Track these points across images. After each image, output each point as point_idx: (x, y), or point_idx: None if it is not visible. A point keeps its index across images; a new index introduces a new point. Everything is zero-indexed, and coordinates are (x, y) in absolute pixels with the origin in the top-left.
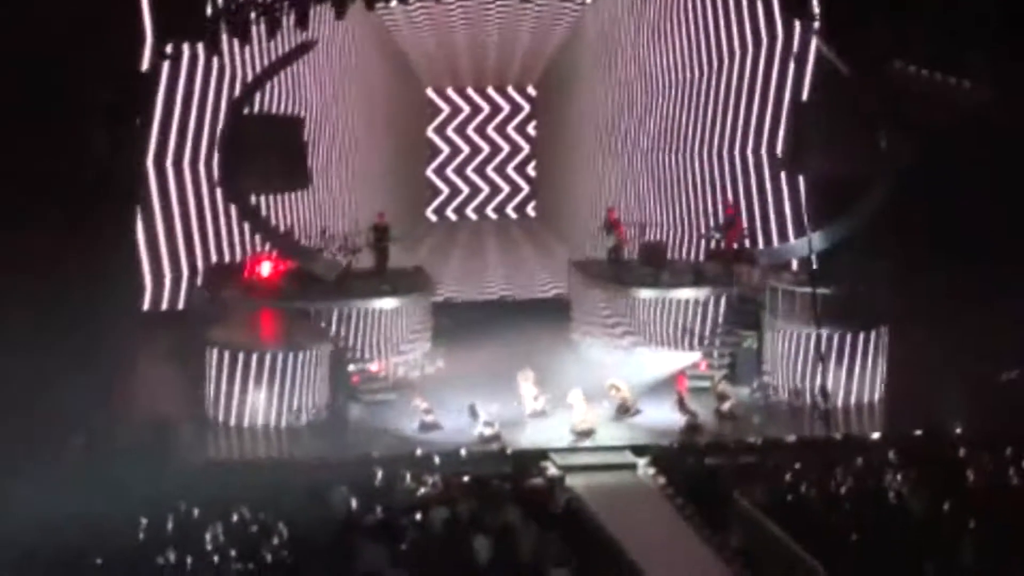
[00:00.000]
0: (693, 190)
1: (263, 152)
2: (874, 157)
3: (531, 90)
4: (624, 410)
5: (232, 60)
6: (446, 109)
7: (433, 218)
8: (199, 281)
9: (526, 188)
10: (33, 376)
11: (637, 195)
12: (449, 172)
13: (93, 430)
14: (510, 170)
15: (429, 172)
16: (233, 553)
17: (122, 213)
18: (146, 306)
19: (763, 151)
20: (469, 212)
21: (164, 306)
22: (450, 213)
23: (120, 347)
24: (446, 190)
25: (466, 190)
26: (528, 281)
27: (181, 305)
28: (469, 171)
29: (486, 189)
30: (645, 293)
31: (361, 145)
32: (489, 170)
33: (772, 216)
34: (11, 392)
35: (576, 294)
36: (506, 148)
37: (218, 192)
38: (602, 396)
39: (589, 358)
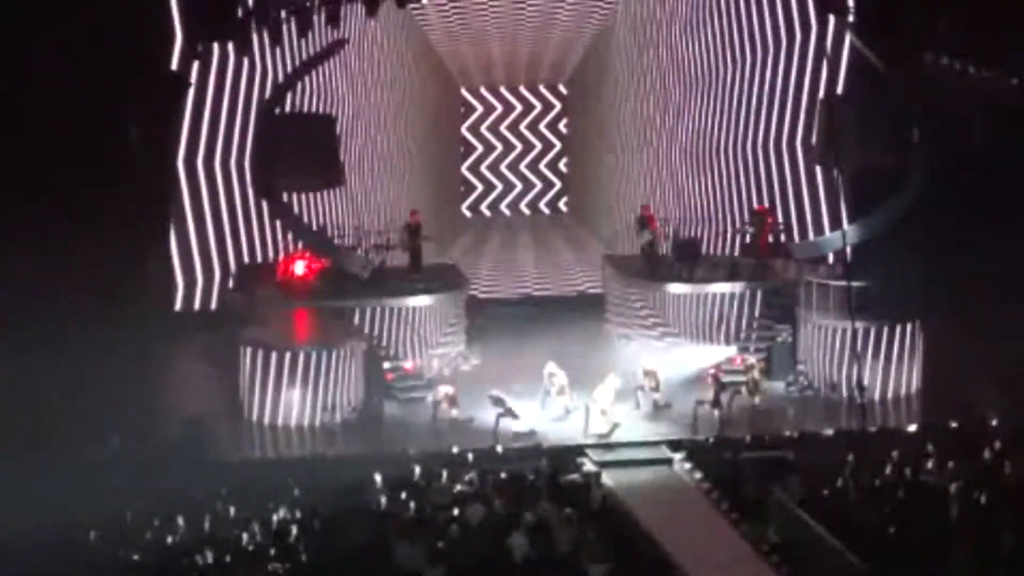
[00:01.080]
0: (727, 185)
1: (296, 150)
2: (907, 150)
3: (562, 88)
4: (654, 389)
5: (263, 59)
6: (480, 108)
7: (468, 214)
8: (232, 281)
9: (558, 184)
10: (69, 376)
11: (671, 190)
12: (483, 169)
13: (129, 430)
14: (543, 166)
15: (464, 169)
16: (272, 552)
17: (158, 213)
18: (179, 306)
19: (797, 145)
20: (503, 208)
21: (197, 306)
22: (484, 209)
23: (156, 347)
24: (480, 186)
25: (500, 186)
26: (562, 277)
27: (214, 305)
28: (503, 168)
29: (519, 185)
30: (679, 288)
31: (395, 143)
32: (522, 166)
33: (807, 210)
34: (47, 392)
35: (610, 290)
36: (539, 145)
37: (251, 192)
38: (633, 391)
39: (624, 354)
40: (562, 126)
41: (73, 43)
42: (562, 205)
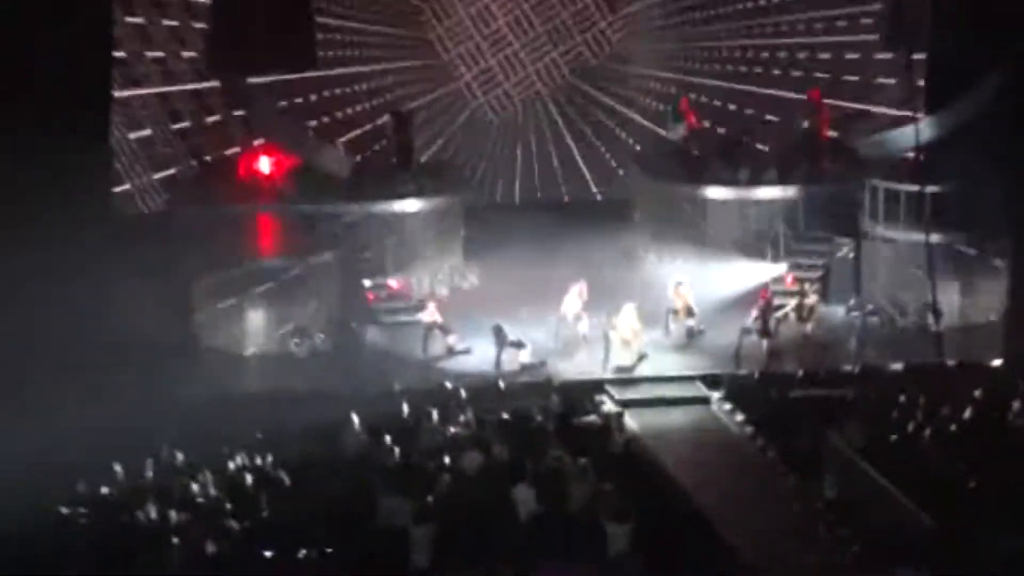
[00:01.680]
0: (777, 71)
1: (259, 25)
2: (989, 37)
3: None
4: (688, 314)
5: None
6: None
7: (470, 97)
8: (182, 182)
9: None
10: None
11: (713, 78)
12: (480, 43)
13: (55, 359)
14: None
15: (460, 46)
16: (227, 507)
17: (95, 106)
18: (119, 210)
19: (860, 26)
20: (507, 89)
21: (143, 210)
22: (487, 99)
23: (90, 259)
24: (482, 61)
25: (493, 63)
26: (580, 179)
27: (163, 208)
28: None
29: (527, 67)
30: (720, 192)
31: (382, 16)
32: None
33: (872, 100)
34: None
35: (638, 195)
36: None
37: (207, 74)
38: (663, 316)
39: (653, 273)
40: None
41: None
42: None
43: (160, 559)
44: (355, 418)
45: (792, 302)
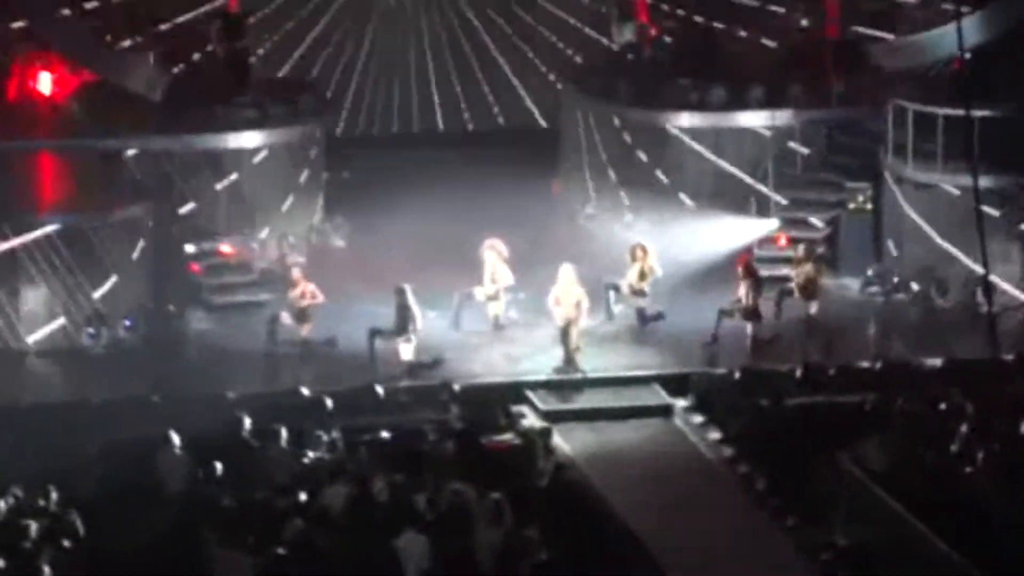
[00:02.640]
0: None
1: None
2: None
3: None
4: (638, 292)
5: None
6: None
7: None
8: None
9: None
10: None
11: None
12: None
13: None
14: None
15: None
16: None
17: None
18: None
19: None
20: None
21: None
22: None
23: None
24: None
25: None
26: (488, 101)
27: None
28: None
29: None
30: (686, 119)
31: None
32: None
33: None
34: None
35: (570, 124)
36: None
37: None
38: (603, 294)
39: (590, 233)
40: None
41: None
42: None
43: None
44: (174, 438)
45: (799, 271)
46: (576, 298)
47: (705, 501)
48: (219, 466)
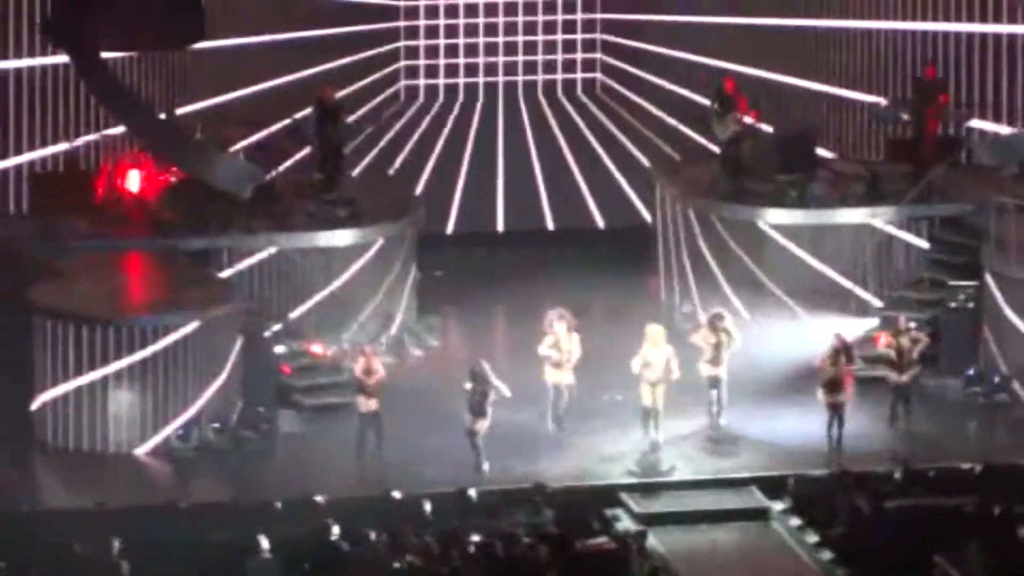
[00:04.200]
0: (866, 50)
1: None
2: None
3: None
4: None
5: None
6: None
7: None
8: (22, 202)
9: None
10: None
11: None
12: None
13: None
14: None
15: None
16: None
17: None
18: None
19: None
20: (476, 77)
21: None
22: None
23: None
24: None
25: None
26: (579, 201)
27: None
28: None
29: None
30: (783, 216)
31: None
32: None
33: (1004, 85)
34: None
35: (664, 223)
36: None
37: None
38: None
39: (685, 331)
40: None
41: None
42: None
43: None
44: (264, 542)
45: (886, 371)
46: (666, 356)
47: None
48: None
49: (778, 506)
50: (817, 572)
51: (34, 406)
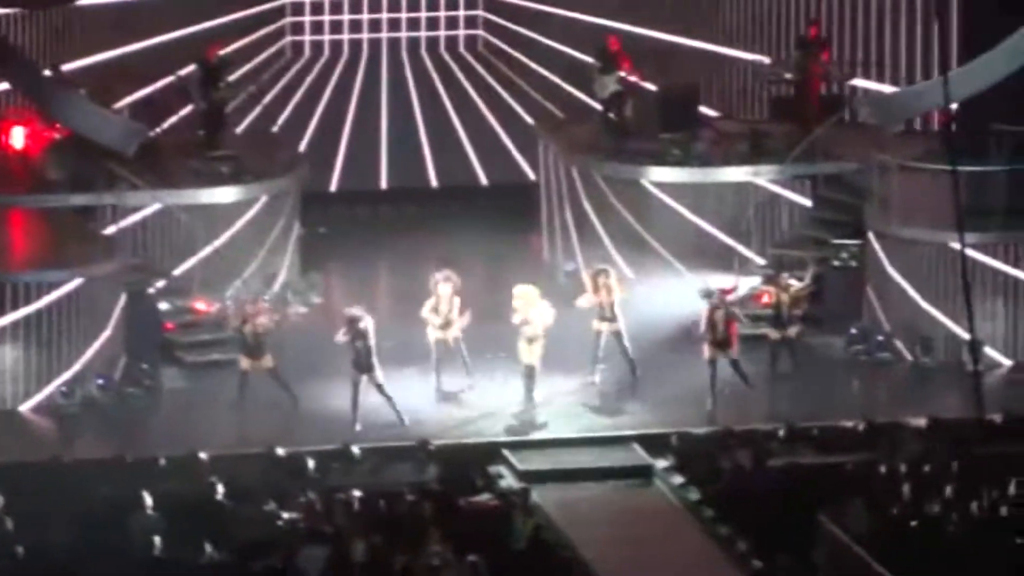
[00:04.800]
0: (749, 8)
1: None
2: None
3: None
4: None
5: None
6: None
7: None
8: None
9: None
10: None
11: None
12: None
13: None
14: None
15: None
16: None
17: None
18: None
19: None
20: (360, 33)
21: None
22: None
23: None
24: None
25: None
26: (463, 159)
27: None
28: None
29: None
30: (666, 174)
31: None
32: None
33: (887, 43)
34: None
35: (551, 180)
36: None
37: None
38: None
39: (570, 290)
40: None
41: None
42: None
43: None
44: (147, 497)
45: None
46: (542, 313)
47: (685, 562)
48: (191, 526)
49: (661, 463)
50: (699, 529)
51: None
